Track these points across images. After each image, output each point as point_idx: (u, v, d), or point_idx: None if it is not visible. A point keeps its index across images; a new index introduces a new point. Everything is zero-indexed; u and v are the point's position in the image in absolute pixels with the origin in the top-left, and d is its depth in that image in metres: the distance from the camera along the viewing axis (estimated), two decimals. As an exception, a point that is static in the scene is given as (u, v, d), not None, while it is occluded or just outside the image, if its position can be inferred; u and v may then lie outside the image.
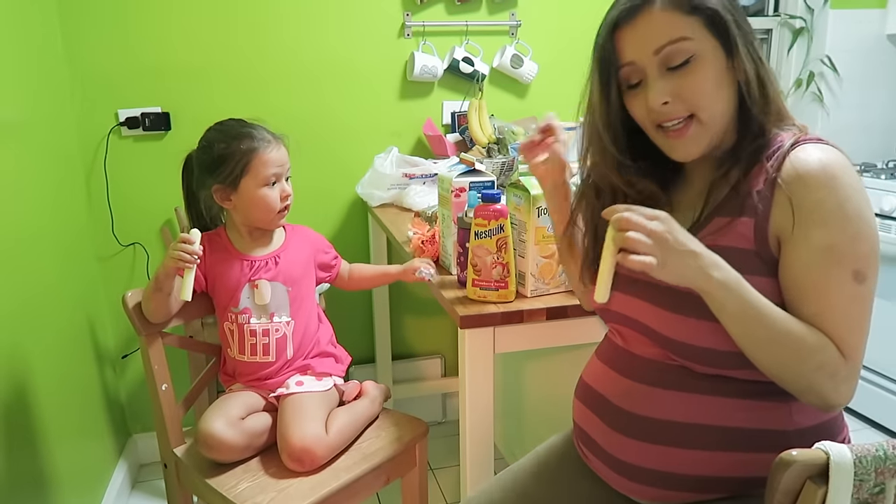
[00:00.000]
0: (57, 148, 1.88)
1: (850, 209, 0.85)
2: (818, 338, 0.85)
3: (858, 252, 0.85)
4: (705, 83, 0.89)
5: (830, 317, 0.86)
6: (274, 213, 1.52)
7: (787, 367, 0.85)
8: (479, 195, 1.28)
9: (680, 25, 0.88)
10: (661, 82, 0.90)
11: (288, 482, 1.37)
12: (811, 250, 0.85)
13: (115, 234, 2.12)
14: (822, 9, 2.61)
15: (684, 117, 0.91)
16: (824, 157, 0.86)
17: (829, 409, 0.88)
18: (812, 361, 0.84)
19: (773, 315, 0.84)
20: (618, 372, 1.01)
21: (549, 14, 2.32)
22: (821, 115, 2.66)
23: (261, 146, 1.48)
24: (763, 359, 0.86)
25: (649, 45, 0.90)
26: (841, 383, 0.85)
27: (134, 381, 2.25)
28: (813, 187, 0.85)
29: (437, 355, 2.54)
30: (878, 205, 2.27)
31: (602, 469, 1.03)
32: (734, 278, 0.84)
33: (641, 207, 0.85)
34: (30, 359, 1.52)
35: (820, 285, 0.86)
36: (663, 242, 0.82)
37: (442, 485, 2.16)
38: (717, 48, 0.89)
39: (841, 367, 0.85)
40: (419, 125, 2.31)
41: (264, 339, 1.54)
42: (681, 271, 0.83)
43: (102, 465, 1.98)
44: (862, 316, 0.87)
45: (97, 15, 2.00)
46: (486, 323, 1.23)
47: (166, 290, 1.44)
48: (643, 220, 0.83)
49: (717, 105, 0.91)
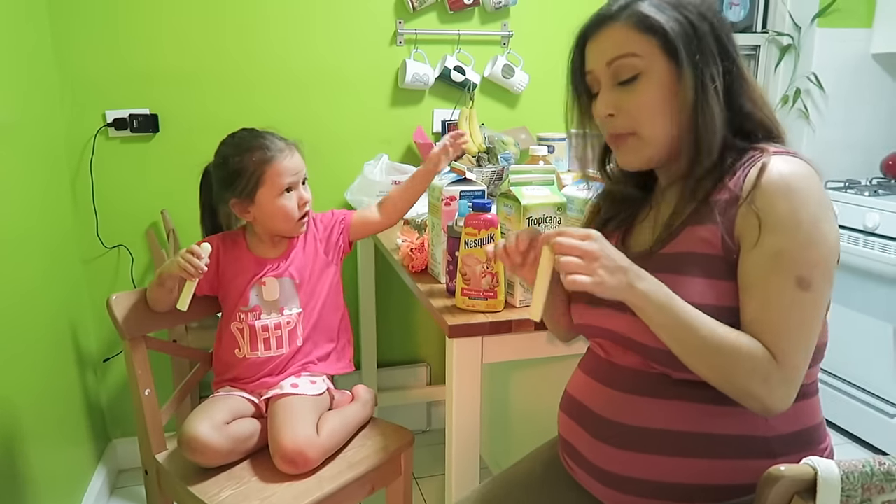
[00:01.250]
0: (44, 149, 1.86)
1: (804, 217, 0.86)
2: (750, 343, 0.87)
3: (806, 259, 0.86)
4: (648, 102, 0.92)
5: (768, 320, 0.87)
6: (294, 221, 1.54)
7: (721, 373, 0.87)
8: (469, 204, 1.28)
9: (634, 42, 0.91)
10: (609, 94, 0.95)
11: (272, 490, 1.36)
12: (760, 254, 0.87)
13: (100, 236, 2.10)
14: (810, 27, 2.64)
15: (627, 131, 0.95)
16: (786, 168, 0.88)
17: (769, 413, 0.89)
18: (743, 367, 0.86)
19: (702, 323, 0.86)
20: (599, 382, 1.02)
21: (540, 25, 2.34)
22: (806, 132, 2.69)
23: (274, 156, 1.49)
24: (697, 366, 0.88)
25: (604, 56, 0.94)
26: (775, 388, 0.87)
27: (115, 385, 2.22)
28: (770, 195, 0.87)
29: (423, 363, 2.53)
30: (862, 221, 2.29)
31: (587, 481, 1.03)
32: (659, 290, 0.87)
33: (574, 229, 0.89)
34: (9, 361, 1.49)
35: (762, 288, 0.87)
36: (596, 261, 0.85)
37: (426, 494, 2.15)
38: (670, 71, 0.91)
39: (773, 371, 0.86)
40: (409, 133, 2.31)
41: (277, 333, 1.56)
42: (613, 286, 0.86)
43: (81, 470, 1.95)
44: (801, 322, 0.88)
45: (87, 17, 1.98)
46: (474, 332, 1.23)
47: (168, 286, 1.47)
48: (576, 241, 0.86)
49: (659, 124, 0.93)
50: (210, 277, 1.55)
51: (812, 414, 0.98)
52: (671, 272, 0.91)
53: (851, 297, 2.37)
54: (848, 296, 2.38)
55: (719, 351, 0.86)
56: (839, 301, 2.38)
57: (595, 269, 0.85)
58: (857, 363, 2.41)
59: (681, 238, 0.94)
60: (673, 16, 0.91)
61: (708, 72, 0.91)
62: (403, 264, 1.55)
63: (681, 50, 0.90)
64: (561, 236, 0.87)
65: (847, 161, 2.73)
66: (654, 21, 0.90)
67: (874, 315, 2.31)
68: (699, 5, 0.93)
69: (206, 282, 1.54)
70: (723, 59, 0.92)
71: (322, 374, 1.60)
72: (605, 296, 0.86)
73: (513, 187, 1.29)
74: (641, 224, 1.04)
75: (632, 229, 1.05)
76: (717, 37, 0.92)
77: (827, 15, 2.61)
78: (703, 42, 0.91)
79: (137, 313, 1.49)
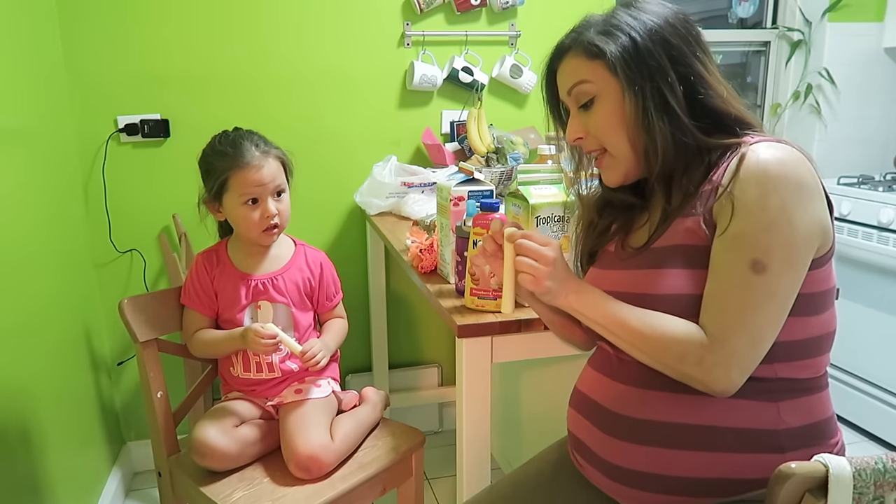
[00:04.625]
0: (57, 155, 1.88)
1: (772, 202, 0.87)
2: (683, 328, 0.90)
3: (764, 243, 0.87)
4: (603, 122, 0.98)
5: (714, 299, 0.90)
6: (256, 232, 1.50)
7: (654, 359, 0.93)
8: (477, 204, 1.28)
9: (583, 69, 0.98)
10: (575, 120, 1.02)
11: (283, 492, 1.36)
12: (723, 236, 0.89)
13: (113, 240, 2.12)
14: (821, 22, 2.62)
15: (599, 149, 1.01)
16: (766, 155, 0.89)
17: (716, 394, 0.91)
18: (672, 352, 0.90)
19: (632, 317, 0.93)
20: (609, 377, 1.02)
21: (548, 24, 2.33)
22: (818, 128, 2.67)
23: (240, 165, 1.45)
24: (633, 354, 0.95)
25: (565, 86, 1.02)
26: (710, 369, 0.89)
27: (129, 388, 2.24)
28: (745, 181, 0.89)
29: (435, 364, 2.53)
30: (876, 217, 2.27)
31: (596, 477, 1.03)
32: (589, 299, 0.96)
33: (538, 235, 0.97)
34: (26, 365, 1.51)
35: (716, 269, 0.90)
36: (549, 266, 0.94)
37: (438, 495, 2.15)
38: (621, 89, 0.96)
39: (705, 354, 0.88)
40: (418, 134, 2.31)
41: (267, 359, 1.54)
42: (555, 293, 0.95)
43: (96, 473, 1.97)
44: (747, 305, 0.88)
45: (97, 23, 2.00)
46: (483, 332, 1.23)
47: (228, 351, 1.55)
48: (537, 246, 0.95)
49: (620, 141, 0.98)
50: (208, 303, 1.55)
51: (822, 408, 0.97)
52: (654, 267, 0.95)
53: (866, 294, 2.35)
54: (863, 292, 2.36)
55: (648, 339, 0.92)
56: (854, 298, 2.37)
57: (544, 274, 0.94)
58: (872, 360, 2.38)
59: (669, 232, 0.96)
60: (616, 39, 0.95)
61: (652, 88, 0.94)
62: (413, 265, 1.56)
63: (619, 73, 0.95)
64: (524, 238, 0.96)
65: (860, 156, 2.71)
66: (596, 49, 0.96)
67: (890, 312, 2.28)
68: (648, 19, 0.95)
69: (209, 310, 1.55)
70: (678, 65, 0.94)
71: (326, 377, 1.60)
72: (544, 299, 0.97)
73: (521, 187, 1.29)
74: (641, 227, 1.05)
75: (631, 232, 1.07)
76: (668, 46, 0.94)
77: (838, 9, 2.58)
78: (647, 59, 0.94)
79: (149, 316, 1.50)
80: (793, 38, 2.69)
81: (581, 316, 0.97)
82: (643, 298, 0.95)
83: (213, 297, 1.55)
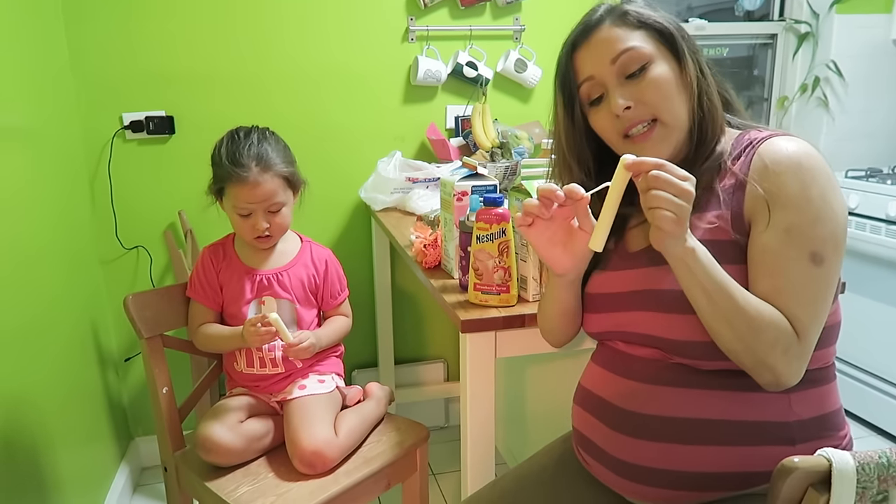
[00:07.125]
0: (63, 152, 1.89)
1: (813, 193, 0.88)
2: (775, 314, 0.87)
3: (817, 234, 0.88)
4: (664, 85, 0.95)
5: (785, 295, 0.88)
6: (248, 239, 1.52)
7: (745, 341, 0.87)
8: (481, 199, 1.28)
9: (632, 37, 0.96)
10: (622, 89, 0.96)
11: (288, 486, 1.37)
12: (771, 231, 0.89)
13: (119, 237, 2.13)
14: (828, 14, 2.60)
15: (648, 121, 0.95)
16: (791, 147, 0.91)
17: (780, 386, 0.90)
18: (768, 335, 0.86)
19: (735, 289, 0.87)
20: (617, 374, 1.02)
21: (553, 18, 2.32)
22: (826, 121, 2.65)
23: (236, 180, 1.44)
24: (723, 330, 0.87)
25: (605, 57, 0.96)
26: (793, 360, 0.88)
27: (136, 384, 2.25)
28: (778, 173, 0.89)
29: (440, 360, 2.53)
30: (885, 210, 2.25)
31: (604, 473, 1.03)
32: (704, 249, 0.87)
33: (672, 166, 0.84)
34: (33, 361, 1.52)
35: (777, 264, 0.89)
36: (688, 204, 0.82)
37: (444, 490, 2.15)
38: (669, 57, 0.96)
39: (794, 343, 0.88)
40: (422, 129, 2.31)
41: (271, 354, 1.54)
42: (678, 235, 0.83)
43: (104, 468, 1.98)
44: (816, 297, 0.89)
45: (102, 21, 2.00)
46: (487, 327, 1.22)
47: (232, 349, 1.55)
48: (676, 179, 0.82)
49: (678, 106, 0.95)
50: (213, 296, 1.56)
51: (831, 399, 0.97)
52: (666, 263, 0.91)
53: (875, 288, 2.33)
54: (871, 286, 2.34)
55: (749, 317, 0.86)
56: (863, 291, 2.35)
57: (686, 213, 0.82)
58: (880, 354, 2.36)
59: (692, 227, 0.92)
60: (657, 11, 0.98)
61: (702, 60, 0.97)
62: (417, 260, 1.55)
63: (678, 39, 0.95)
64: (660, 169, 0.82)
65: (868, 149, 2.69)
66: (645, 17, 0.96)
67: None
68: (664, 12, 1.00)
69: (214, 303, 1.56)
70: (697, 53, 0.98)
71: (330, 372, 1.60)
72: (663, 246, 0.84)
73: (524, 181, 1.29)
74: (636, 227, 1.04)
75: (625, 234, 1.06)
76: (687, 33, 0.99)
77: (845, 1, 2.56)
78: (684, 31, 0.97)
79: (154, 312, 1.51)
80: (800, 31, 2.67)
81: (688, 271, 0.86)
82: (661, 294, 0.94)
83: (219, 290, 1.55)
